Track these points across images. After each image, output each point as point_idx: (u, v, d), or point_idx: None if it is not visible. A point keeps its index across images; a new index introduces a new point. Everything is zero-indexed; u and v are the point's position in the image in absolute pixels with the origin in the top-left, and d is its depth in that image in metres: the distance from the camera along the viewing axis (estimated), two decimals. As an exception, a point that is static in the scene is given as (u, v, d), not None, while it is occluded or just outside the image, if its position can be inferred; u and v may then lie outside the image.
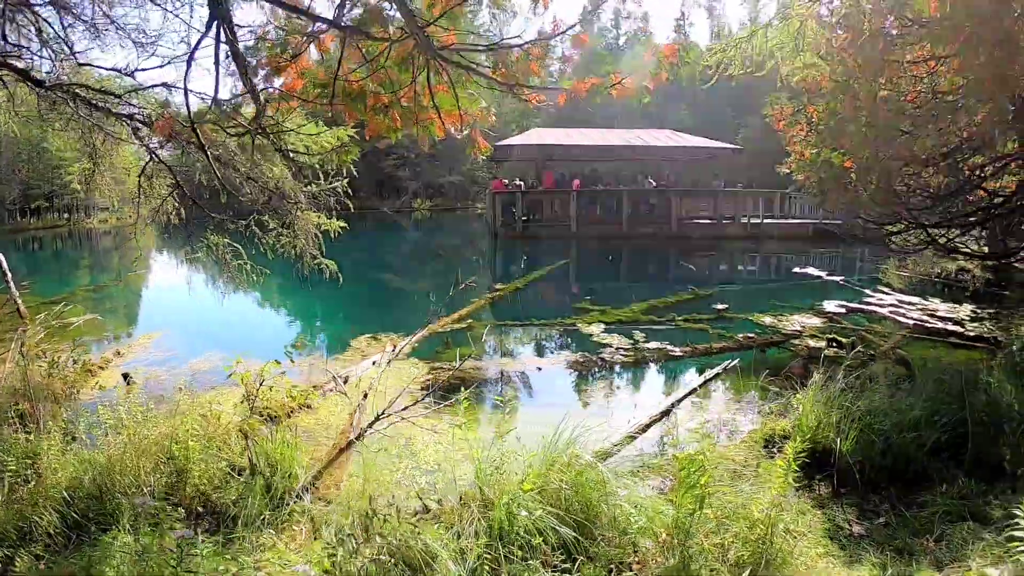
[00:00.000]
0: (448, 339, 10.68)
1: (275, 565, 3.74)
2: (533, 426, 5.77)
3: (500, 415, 6.88)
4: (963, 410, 5.20)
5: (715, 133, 51.25)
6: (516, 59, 4.85)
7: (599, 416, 6.91)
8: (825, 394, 5.75)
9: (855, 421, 5.24)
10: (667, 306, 13.05)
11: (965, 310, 11.93)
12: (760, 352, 9.80)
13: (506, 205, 27.12)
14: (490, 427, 6.71)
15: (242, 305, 14.70)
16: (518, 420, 6.86)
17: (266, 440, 5.06)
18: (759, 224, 26.25)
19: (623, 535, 3.90)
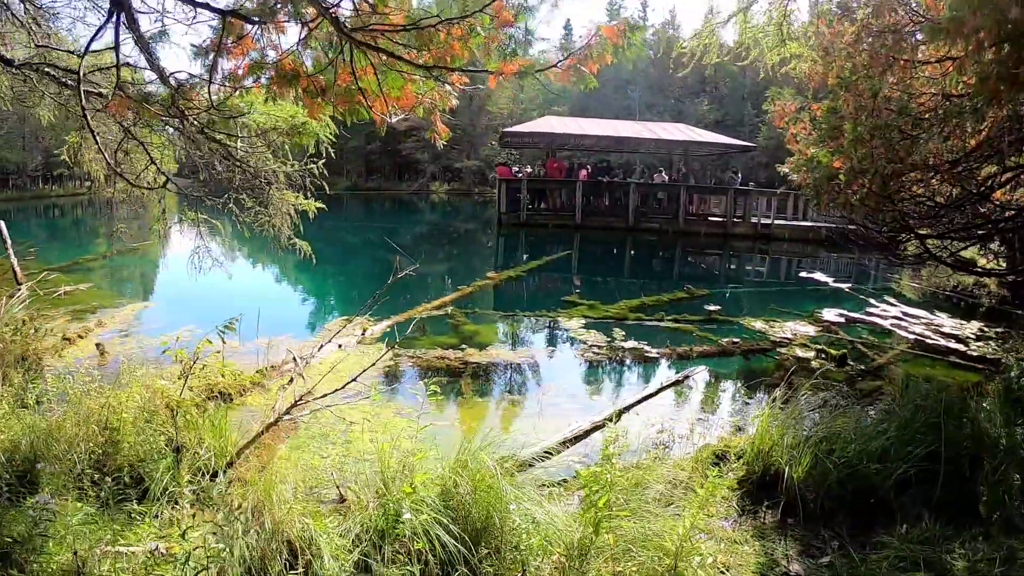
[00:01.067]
0: (424, 325, 10.40)
1: (139, 538, 3.68)
2: (478, 421, 6.31)
3: (450, 406, 6.97)
4: (938, 442, 4.69)
5: (736, 129, 50.96)
6: (443, 39, 4.60)
7: (550, 415, 6.74)
8: (789, 411, 5.28)
9: (814, 444, 4.75)
10: (659, 305, 12.54)
11: (972, 327, 11.33)
12: (744, 359, 9.31)
13: (511, 192, 26.68)
14: (438, 419, 6.54)
15: (242, 280, 14.34)
16: (467, 414, 6.88)
17: (198, 417, 5.08)
18: (769, 224, 25.58)
19: (516, 551, 3.56)
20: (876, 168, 6.95)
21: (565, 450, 5.65)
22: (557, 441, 5.56)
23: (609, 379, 8.47)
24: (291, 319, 11.31)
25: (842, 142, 7.52)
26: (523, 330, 10.46)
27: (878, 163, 6.93)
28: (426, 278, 16.62)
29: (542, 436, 5.68)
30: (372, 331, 9.89)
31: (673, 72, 62.84)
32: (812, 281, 16.51)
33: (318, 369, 7.66)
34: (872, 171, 7.00)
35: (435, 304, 11.76)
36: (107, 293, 12.58)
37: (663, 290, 14.32)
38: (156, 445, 4.62)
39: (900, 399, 5.83)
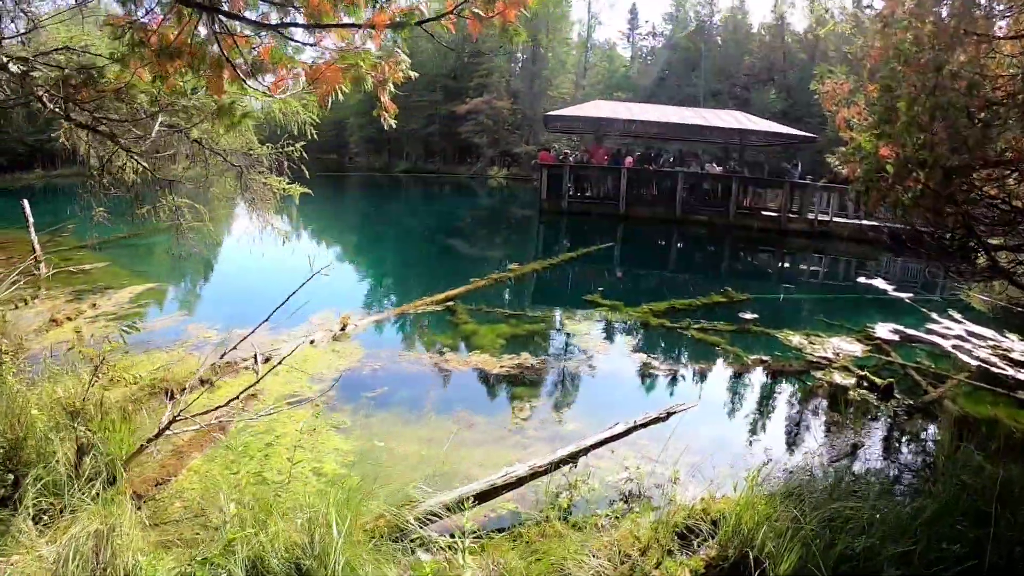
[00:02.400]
0: (426, 322, 9.74)
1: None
2: (423, 446, 5.57)
3: (401, 422, 6.18)
4: (986, 540, 3.37)
5: (804, 120, 48.62)
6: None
7: (509, 445, 5.85)
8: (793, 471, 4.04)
9: (812, 531, 3.49)
10: (689, 309, 11.15)
11: (1049, 352, 9.76)
12: (771, 379, 7.98)
13: (552, 178, 25.34)
14: (385, 436, 5.84)
15: (255, 265, 13.33)
16: (414, 434, 5.95)
17: (108, 419, 4.72)
18: (827, 222, 23.51)
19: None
20: (936, 159, 5.52)
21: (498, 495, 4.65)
22: (475, 490, 4.50)
23: (593, 403, 7.11)
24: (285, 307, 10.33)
25: (895, 126, 6.12)
26: (523, 334, 9.24)
27: (939, 153, 5.50)
28: (455, 265, 15.87)
29: (489, 470, 4.94)
30: (356, 326, 9.06)
31: (739, 59, 60.98)
32: (870, 288, 14.81)
33: (282, 366, 6.95)
34: (931, 163, 5.57)
35: (438, 298, 10.72)
36: (121, 271, 12.09)
37: (704, 288, 12.96)
38: (58, 448, 4.22)
39: (943, 468, 4.54)
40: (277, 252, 9.53)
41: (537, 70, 68.96)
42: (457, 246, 20.05)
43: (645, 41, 78.51)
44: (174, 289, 11.29)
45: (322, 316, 9.45)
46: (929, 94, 5.72)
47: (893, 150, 6.01)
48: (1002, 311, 12.06)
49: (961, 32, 6.08)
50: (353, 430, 5.83)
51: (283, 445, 5.43)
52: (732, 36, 65.16)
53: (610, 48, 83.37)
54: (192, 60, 4.50)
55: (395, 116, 5.30)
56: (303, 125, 7.70)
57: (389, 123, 5.25)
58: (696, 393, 7.39)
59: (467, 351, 8.21)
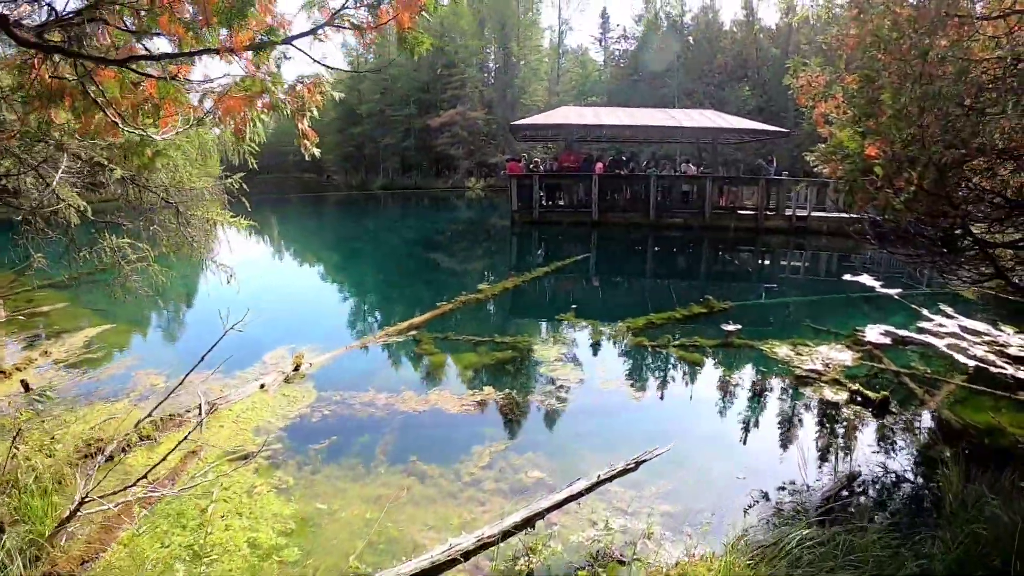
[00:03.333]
0: (387, 355, 9.06)
1: None
2: (372, 506, 5.01)
3: (351, 477, 5.54)
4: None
5: (780, 116, 48.47)
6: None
7: (465, 500, 5.16)
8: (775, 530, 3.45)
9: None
10: (668, 322, 10.51)
11: (1047, 346, 9.21)
12: (755, 403, 7.35)
13: (522, 188, 24.88)
14: (329, 496, 5.23)
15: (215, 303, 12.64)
16: (365, 491, 5.31)
17: (31, 490, 4.48)
18: (805, 217, 23.24)
19: None
20: (930, 156, 4.91)
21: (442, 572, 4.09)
22: (415, 569, 3.99)
23: (560, 444, 6.33)
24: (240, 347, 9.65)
25: (880, 120, 5.51)
26: (489, 364, 8.55)
27: (932, 148, 4.88)
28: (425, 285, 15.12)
29: (439, 533, 4.59)
30: (310, 364, 8.36)
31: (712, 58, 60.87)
32: (857, 286, 14.22)
33: (228, 415, 6.77)
34: (924, 160, 4.95)
35: (402, 327, 10.05)
36: (80, 312, 11.44)
37: (684, 297, 12.41)
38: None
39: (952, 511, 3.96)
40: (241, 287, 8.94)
41: (509, 79, 68.71)
42: (429, 264, 19.34)
43: (617, 44, 78.51)
44: (128, 331, 10.53)
45: (278, 354, 8.80)
46: (915, 82, 5.12)
47: (881, 148, 5.39)
48: (992, 299, 11.49)
49: (943, 14, 5.51)
50: (296, 490, 5.24)
51: (220, 509, 4.91)
52: (704, 35, 65.08)
53: (582, 53, 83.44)
54: (74, 102, 4.18)
55: (316, 144, 4.89)
56: (244, 155, 7.08)
57: (311, 152, 4.84)
58: (673, 427, 6.72)
59: (427, 388, 7.53)
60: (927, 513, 4.81)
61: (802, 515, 4.69)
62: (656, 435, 6.23)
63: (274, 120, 5.09)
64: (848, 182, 6.27)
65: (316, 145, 5.02)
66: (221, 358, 8.30)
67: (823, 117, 7.56)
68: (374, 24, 3.56)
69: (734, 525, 4.64)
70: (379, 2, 3.42)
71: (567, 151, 27.14)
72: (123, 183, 9.25)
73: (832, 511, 4.67)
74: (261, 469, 5.56)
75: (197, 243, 9.65)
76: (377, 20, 3.49)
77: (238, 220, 9.61)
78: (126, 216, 9.82)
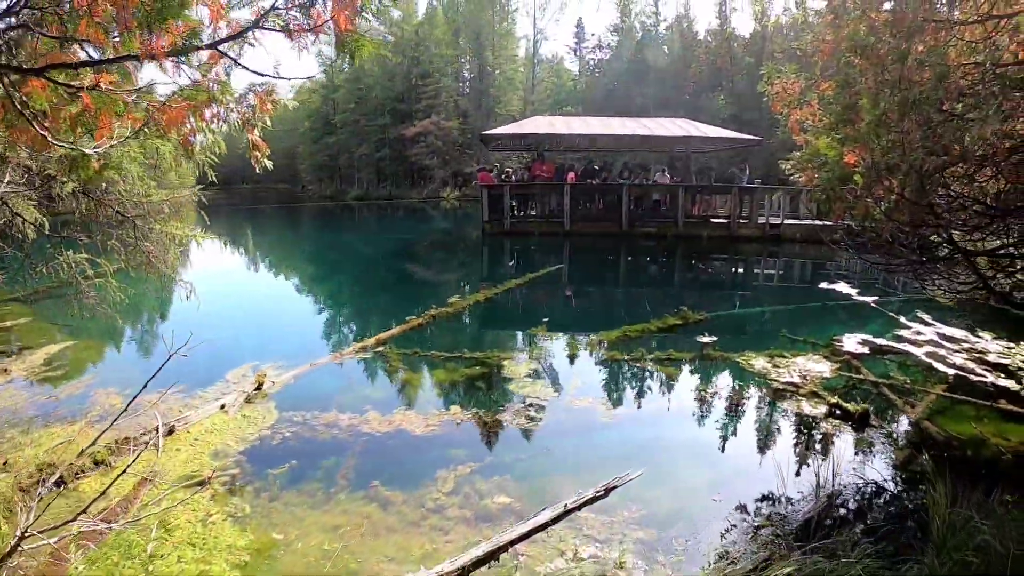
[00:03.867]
0: (353, 373, 8.73)
1: None
2: (328, 536, 4.74)
3: (311, 503, 5.26)
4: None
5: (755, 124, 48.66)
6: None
7: (427, 529, 4.87)
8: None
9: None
10: (643, 335, 10.26)
11: (1023, 351, 9.06)
12: (732, 419, 7.12)
13: (493, 199, 24.72)
14: (287, 523, 4.96)
15: (184, 317, 12.25)
16: (324, 519, 5.03)
17: None
18: (779, 225, 23.29)
19: None
20: (911, 163, 4.70)
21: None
22: None
23: (529, 466, 6.00)
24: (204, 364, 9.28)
25: (858, 127, 5.32)
26: (458, 380, 8.26)
27: (912, 155, 4.68)
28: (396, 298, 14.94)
29: (399, 566, 4.38)
30: (273, 383, 8.01)
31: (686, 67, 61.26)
32: (833, 294, 14.07)
33: (187, 437, 6.46)
34: (905, 167, 4.75)
35: (371, 342, 9.78)
36: (44, 327, 11.03)
37: (659, 307, 12.18)
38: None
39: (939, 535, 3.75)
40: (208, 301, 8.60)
41: (484, 88, 68.70)
42: (400, 276, 19.03)
43: (592, 54, 78.85)
44: (90, 348, 10.13)
45: (241, 371, 8.47)
46: (894, 88, 4.92)
47: (860, 155, 5.19)
48: (968, 305, 11.36)
49: (919, 19, 5.34)
50: (252, 519, 4.95)
51: (173, 540, 4.65)
52: (679, 44, 65.43)
53: (557, 63, 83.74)
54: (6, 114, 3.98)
55: (267, 156, 4.82)
56: (202, 165, 7.15)
57: (262, 164, 4.76)
58: (647, 446, 6.46)
59: (392, 408, 7.21)
60: (912, 534, 4.58)
61: (782, 539, 4.47)
62: (630, 455, 5.99)
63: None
64: (825, 190, 6.08)
65: (267, 155, 4.77)
66: (185, 376, 8.04)
67: (798, 124, 7.41)
68: (308, 26, 3.28)
69: (710, 553, 4.41)
70: (312, 3, 3.15)
71: (539, 161, 26.94)
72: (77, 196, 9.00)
73: (813, 535, 4.44)
74: (217, 496, 5.28)
75: (156, 258, 9.38)
76: (312, 22, 3.20)
77: (197, 233, 9.40)
78: (83, 231, 9.57)
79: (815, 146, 5.95)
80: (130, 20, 3.19)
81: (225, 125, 4.72)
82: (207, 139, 5.41)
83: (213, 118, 4.62)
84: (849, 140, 5.36)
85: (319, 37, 3.75)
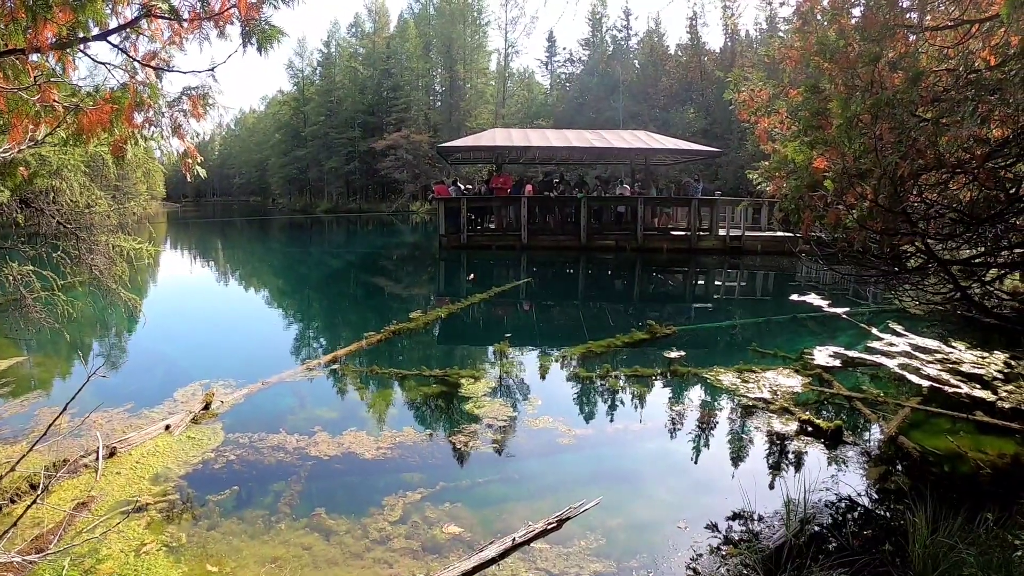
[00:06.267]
0: (305, 391, 8.31)
1: None
2: (261, 566, 4.40)
3: (253, 533, 4.90)
4: None
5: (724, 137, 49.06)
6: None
7: (370, 561, 4.52)
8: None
9: None
10: (609, 351, 9.95)
11: (997, 361, 8.88)
12: (700, 436, 6.83)
13: (450, 212, 24.56)
14: (227, 554, 4.61)
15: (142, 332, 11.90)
16: (263, 548, 4.70)
17: None
18: (739, 237, 23.35)
19: None
20: (884, 167, 4.45)
21: None
22: None
23: (483, 493, 5.62)
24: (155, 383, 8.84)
25: (829, 132, 5.06)
26: (415, 400, 7.90)
27: (886, 159, 4.43)
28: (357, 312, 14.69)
29: None
30: (222, 403, 7.63)
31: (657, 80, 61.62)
32: (803, 306, 13.87)
33: (128, 460, 6.10)
34: (878, 172, 4.50)
35: (327, 359, 9.45)
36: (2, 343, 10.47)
37: (624, 322, 12.00)
38: None
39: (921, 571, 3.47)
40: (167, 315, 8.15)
41: (455, 102, 68.68)
42: (361, 290, 18.73)
43: (563, 68, 79.21)
44: (41, 364, 9.67)
45: (190, 390, 8.07)
46: (865, 91, 4.67)
47: (830, 159, 4.93)
48: (939, 313, 11.20)
49: (889, 24, 5.13)
50: (188, 549, 4.60)
51: (103, 572, 4.33)
52: (649, 58, 65.88)
53: (528, 76, 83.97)
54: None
55: (202, 163, 4.46)
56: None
57: (195, 172, 4.38)
58: (608, 469, 6.16)
59: (342, 429, 6.81)
60: (891, 561, 4.28)
61: (752, 569, 4.16)
62: (591, 478, 5.70)
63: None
64: (794, 199, 5.83)
65: (199, 164, 4.42)
66: (134, 395, 7.82)
67: (766, 133, 7.17)
68: (205, 14, 2.93)
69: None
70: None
71: (497, 174, 26.78)
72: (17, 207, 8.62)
73: (786, 563, 4.13)
74: (154, 523, 4.95)
75: (102, 272, 9.00)
76: (207, 10, 2.86)
77: (146, 247, 9.03)
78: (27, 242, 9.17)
79: (783, 153, 5.69)
80: (17, 9, 2.83)
81: (156, 130, 4.38)
82: (138, 147, 5.06)
83: (145, 123, 4.27)
84: (819, 144, 5.12)
85: (224, 28, 3.43)
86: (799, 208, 5.86)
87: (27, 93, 3.87)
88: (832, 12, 5.62)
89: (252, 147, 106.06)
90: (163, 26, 3.83)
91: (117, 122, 4.02)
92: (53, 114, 4.08)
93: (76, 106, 3.98)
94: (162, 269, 22.56)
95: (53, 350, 10.13)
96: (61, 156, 7.69)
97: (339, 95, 77.36)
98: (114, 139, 4.31)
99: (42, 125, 4.22)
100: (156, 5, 3.16)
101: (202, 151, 5.30)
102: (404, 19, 77.72)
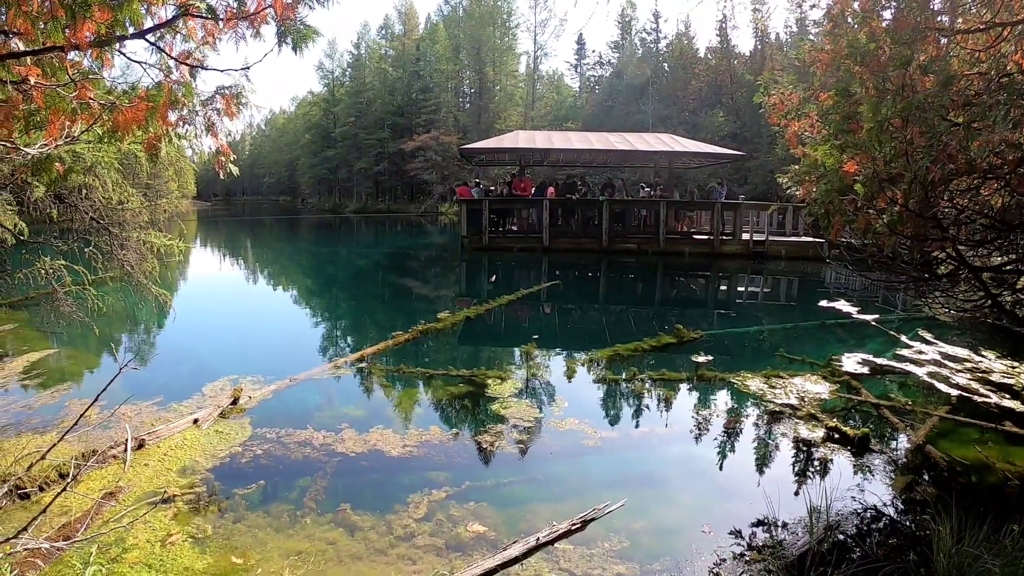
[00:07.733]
0: (332, 389, 8.40)
1: None
2: (286, 560, 4.42)
3: (279, 527, 4.93)
4: None
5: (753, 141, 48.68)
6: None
7: (395, 558, 4.52)
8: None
9: None
10: (636, 354, 9.93)
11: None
12: (726, 442, 6.80)
13: (472, 214, 24.65)
14: (253, 548, 4.62)
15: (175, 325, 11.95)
16: (288, 544, 4.70)
17: None
18: (763, 241, 23.07)
19: None
20: (915, 172, 4.41)
21: None
22: None
23: (508, 492, 5.66)
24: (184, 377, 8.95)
25: (859, 135, 5.03)
26: (442, 399, 7.95)
27: (917, 163, 4.40)
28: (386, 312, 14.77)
29: None
30: (250, 398, 7.72)
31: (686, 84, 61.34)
32: (833, 312, 13.74)
33: (156, 452, 6.18)
34: (909, 177, 4.46)
35: (354, 358, 9.54)
36: (29, 335, 10.70)
37: (650, 325, 12.05)
38: None
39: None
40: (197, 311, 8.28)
41: (484, 103, 68.81)
42: (390, 290, 18.83)
43: (592, 71, 79.09)
44: (72, 357, 9.80)
45: (219, 385, 8.20)
46: (896, 94, 4.64)
47: (861, 163, 4.90)
48: (969, 322, 11.04)
49: (921, 27, 5.08)
50: (213, 540, 4.65)
51: (129, 560, 4.37)
52: (678, 61, 65.51)
53: (557, 79, 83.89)
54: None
55: (233, 162, 4.52)
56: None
57: (228, 169, 4.43)
58: (634, 472, 6.16)
59: (369, 427, 6.88)
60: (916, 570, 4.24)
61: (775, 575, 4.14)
62: (616, 480, 5.70)
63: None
64: (824, 203, 5.79)
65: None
66: (163, 389, 7.97)
67: (796, 137, 7.12)
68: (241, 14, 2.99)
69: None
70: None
71: (519, 177, 26.83)
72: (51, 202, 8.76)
73: (809, 570, 4.12)
74: (180, 515, 5.00)
75: (133, 267, 9.14)
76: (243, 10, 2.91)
77: (177, 244, 9.15)
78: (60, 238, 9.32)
79: (813, 157, 5.66)
80: (57, 7, 2.90)
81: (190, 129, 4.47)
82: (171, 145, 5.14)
83: (179, 121, 4.35)
84: (849, 148, 5.08)
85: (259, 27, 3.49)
86: (829, 212, 5.82)
87: (64, 90, 3.97)
88: (863, 15, 5.59)
89: (282, 147, 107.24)
90: (197, 25, 3.91)
91: (152, 120, 4.09)
92: (89, 111, 4.17)
93: (112, 104, 4.06)
94: (192, 266, 22.85)
95: (83, 344, 10.32)
96: (95, 153, 7.82)
97: (369, 96, 77.90)
98: (148, 137, 4.38)
99: (78, 122, 4.30)
100: (194, 4, 3.23)
101: (233, 150, 5.37)
102: (433, 21, 78.15)
